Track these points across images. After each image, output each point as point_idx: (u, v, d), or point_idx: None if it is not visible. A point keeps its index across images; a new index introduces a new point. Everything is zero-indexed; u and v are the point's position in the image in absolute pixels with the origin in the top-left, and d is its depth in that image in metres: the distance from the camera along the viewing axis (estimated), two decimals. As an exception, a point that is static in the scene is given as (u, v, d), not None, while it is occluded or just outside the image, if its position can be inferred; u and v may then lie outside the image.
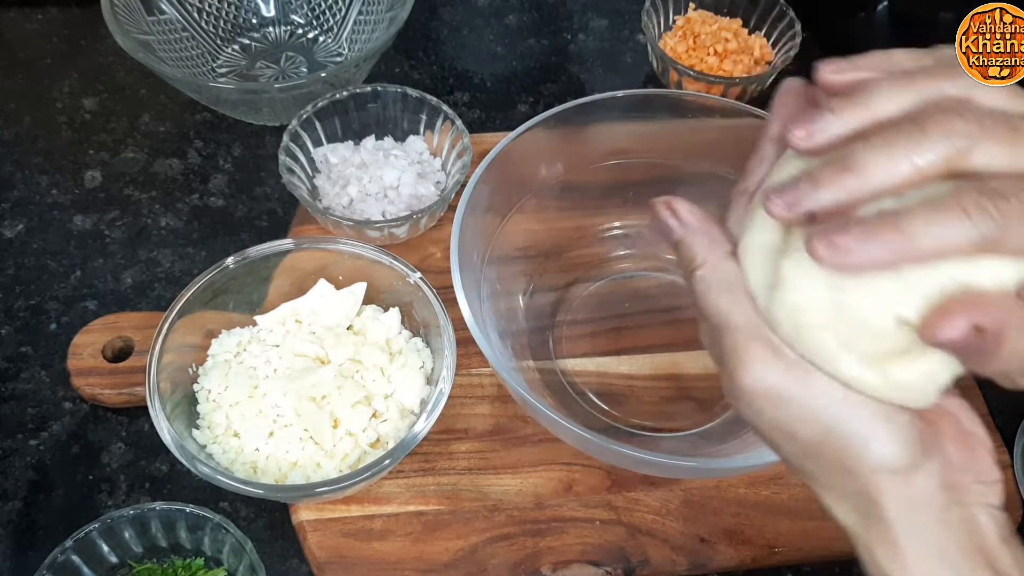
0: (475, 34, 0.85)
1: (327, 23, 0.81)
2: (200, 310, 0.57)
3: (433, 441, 0.58)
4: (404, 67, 0.82)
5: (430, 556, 0.54)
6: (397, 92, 0.69)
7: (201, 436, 0.54)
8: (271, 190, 0.73)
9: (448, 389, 0.54)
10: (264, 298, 0.60)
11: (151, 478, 0.58)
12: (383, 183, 0.67)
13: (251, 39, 0.80)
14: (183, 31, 0.76)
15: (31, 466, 0.59)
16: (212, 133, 0.76)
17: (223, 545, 0.52)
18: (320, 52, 0.80)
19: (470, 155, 0.66)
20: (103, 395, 0.59)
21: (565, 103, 0.61)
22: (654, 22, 0.79)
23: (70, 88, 0.79)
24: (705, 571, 0.55)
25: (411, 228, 0.65)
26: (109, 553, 0.52)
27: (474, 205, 0.57)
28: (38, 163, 0.74)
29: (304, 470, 0.53)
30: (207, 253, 0.69)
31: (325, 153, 0.69)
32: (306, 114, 0.68)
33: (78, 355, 0.60)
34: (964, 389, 0.60)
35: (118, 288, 0.67)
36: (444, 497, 0.56)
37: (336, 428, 0.54)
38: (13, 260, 0.68)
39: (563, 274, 0.67)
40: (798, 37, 0.76)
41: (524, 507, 0.56)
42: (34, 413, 0.61)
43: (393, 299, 0.60)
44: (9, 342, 0.64)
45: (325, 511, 0.55)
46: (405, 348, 0.58)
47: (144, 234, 0.70)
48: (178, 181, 0.73)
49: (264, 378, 0.56)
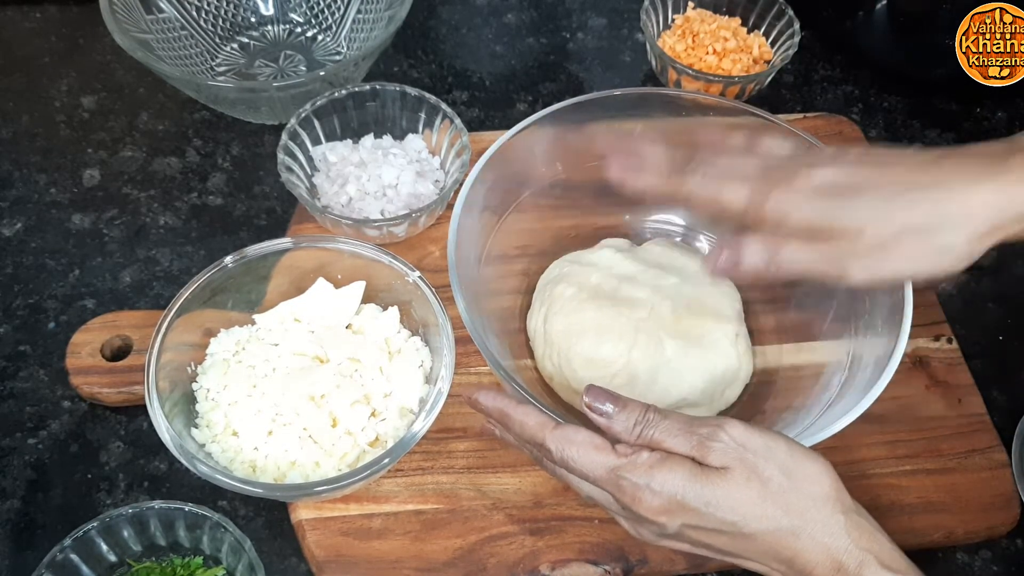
0: (474, 33, 0.85)
1: (326, 22, 0.81)
2: (199, 309, 0.57)
3: (432, 440, 0.58)
4: (403, 66, 0.82)
5: (429, 555, 0.54)
6: (396, 91, 0.69)
7: (200, 435, 0.54)
8: (270, 189, 0.73)
9: (447, 388, 0.54)
10: (263, 297, 0.60)
11: (150, 477, 0.58)
12: (382, 182, 0.67)
13: (250, 38, 0.80)
14: (182, 30, 0.76)
15: (30, 465, 0.59)
16: (211, 132, 0.76)
17: (222, 544, 0.52)
18: (319, 51, 0.80)
19: (469, 154, 0.66)
20: (102, 394, 0.59)
21: (562, 101, 0.61)
22: (653, 21, 0.79)
23: (68, 87, 0.79)
24: (703, 571, 0.55)
25: (410, 227, 0.65)
26: (108, 552, 0.52)
27: (471, 204, 0.57)
28: (36, 162, 0.74)
29: (303, 469, 0.53)
30: (206, 252, 0.69)
31: (324, 152, 0.69)
32: (305, 113, 0.68)
33: (77, 354, 0.60)
34: (963, 388, 0.61)
35: (117, 287, 0.67)
36: (443, 496, 0.56)
37: (335, 427, 0.54)
38: (11, 259, 0.68)
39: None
40: (797, 36, 0.76)
41: (523, 506, 0.56)
42: (33, 412, 0.61)
43: (392, 298, 0.60)
44: (8, 341, 0.64)
45: (324, 510, 0.55)
46: (404, 347, 0.58)
47: (143, 233, 0.70)
48: (177, 180, 0.73)
49: (263, 377, 0.56)
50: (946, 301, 0.66)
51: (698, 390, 0.58)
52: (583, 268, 0.62)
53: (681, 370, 0.58)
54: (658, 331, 0.59)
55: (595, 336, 0.58)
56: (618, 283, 0.61)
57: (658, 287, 0.61)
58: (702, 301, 0.61)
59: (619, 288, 0.61)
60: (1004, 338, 0.66)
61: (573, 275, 0.62)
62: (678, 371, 0.58)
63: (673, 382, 0.58)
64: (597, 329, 0.59)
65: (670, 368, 0.58)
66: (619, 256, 0.63)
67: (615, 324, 0.59)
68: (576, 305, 0.60)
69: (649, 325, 0.59)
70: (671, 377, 0.58)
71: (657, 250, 0.65)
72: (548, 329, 0.60)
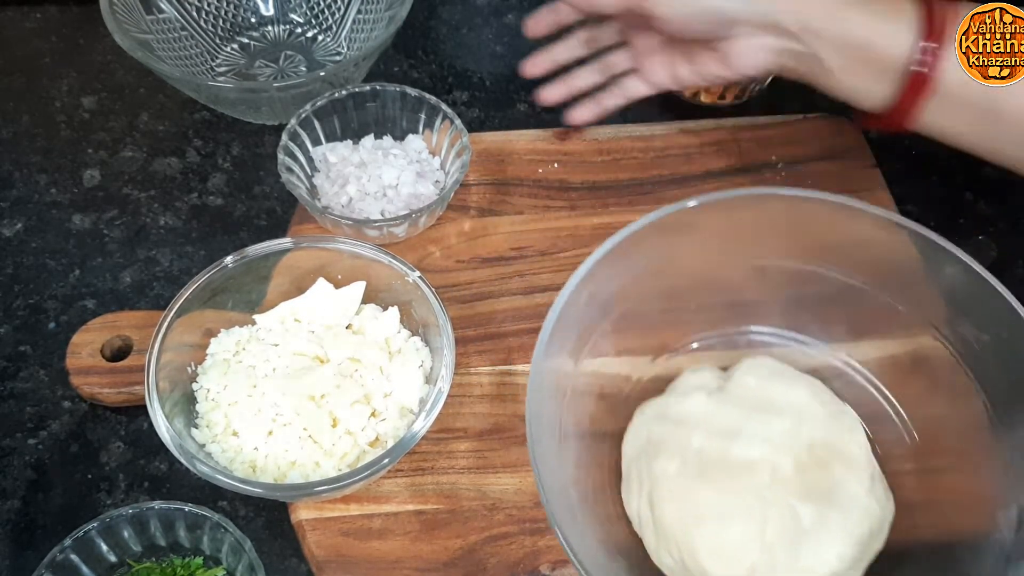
0: (474, 33, 0.85)
1: (326, 22, 0.81)
2: (199, 309, 0.57)
3: (432, 440, 0.58)
4: (403, 66, 0.82)
5: (429, 555, 0.54)
6: (396, 91, 0.69)
7: (200, 435, 0.54)
8: (270, 189, 0.73)
9: (447, 388, 0.54)
10: (263, 297, 0.60)
11: (150, 477, 0.58)
12: (382, 182, 0.67)
13: (250, 38, 0.80)
14: (182, 30, 0.76)
15: (30, 465, 0.59)
16: (211, 132, 0.76)
17: (222, 544, 0.52)
18: (319, 51, 0.80)
19: (469, 154, 0.66)
20: (102, 394, 0.59)
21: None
22: (653, 21, 0.79)
23: (69, 87, 0.79)
24: (704, 570, 0.55)
25: (410, 227, 0.65)
26: (108, 552, 0.52)
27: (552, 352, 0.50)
28: (37, 162, 0.74)
29: (303, 469, 0.53)
30: (206, 252, 0.69)
31: (324, 152, 0.69)
32: (305, 113, 0.68)
33: (77, 354, 0.60)
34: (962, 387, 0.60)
35: (117, 287, 0.67)
36: (443, 496, 0.56)
37: (335, 427, 0.54)
38: (12, 259, 0.68)
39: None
40: (797, 36, 0.76)
41: (523, 506, 0.56)
42: (33, 412, 0.61)
43: (392, 298, 0.60)
44: (8, 341, 0.64)
45: (324, 510, 0.55)
46: (404, 347, 0.58)
47: (143, 233, 0.70)
48: (177, 180, 0.73)
49: (263, 377, 0.56)
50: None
51: (848, 559, 0.50)
52: (677, 429, 0.54)
53: (823, 541, 0.50)
54: (786, 497, 0.51)
55: (717, 522, 0.50)
56: (725, 443, 0.53)
57: (771, 438, 0.53)
58: (825, 443, 0.53)
59: (728, 450, 0.52)
60: (1004, 338, 0.66)
61: (669, 441, 0.53)
62: (821, 543, 0.50)
63: (819, 558, 0.50)
64: (719, 513, 0.51)
65: (811, 541, 0.50)
66: (714, 403, 0.55)
67: (737, 502, 0.51)
68: (685, 484, 0.51)
69: (775, 492, 0.51)
70: (815, 552, 0.50)
71: (753, 382, 0.56)
72: (658, 517, 0.51)
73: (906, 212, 0.68)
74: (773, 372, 0.57)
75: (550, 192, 0.70)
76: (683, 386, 0.57)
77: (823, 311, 0.59)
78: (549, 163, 0.72)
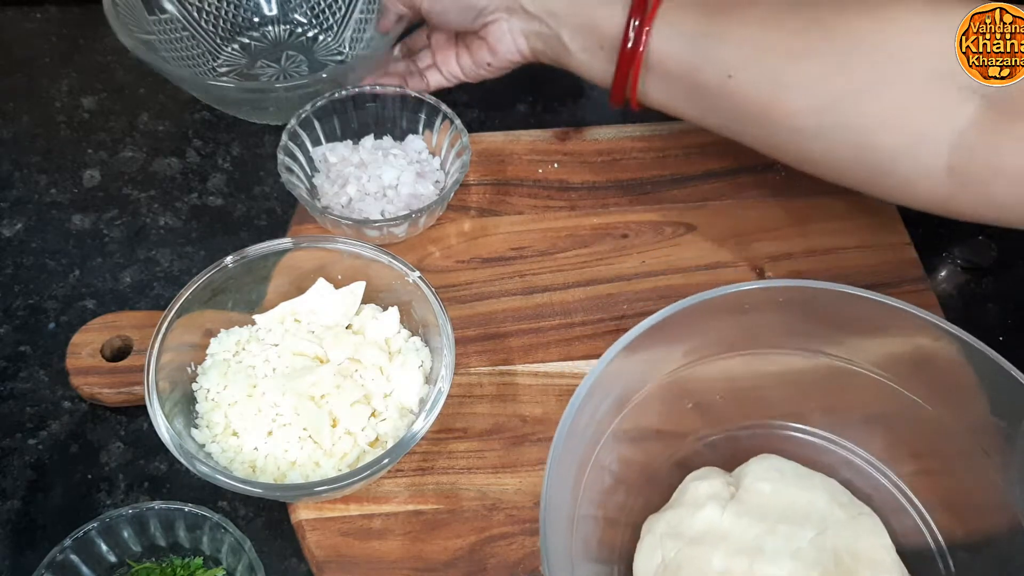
0: (474, 33, 0.85)
1: (328, 22, 0.81)
2: (199, 309, 0.57)
3: (432, 440, 0.58)
4: (403, 66, 0.82)
5: (429, 555, 0.54)
6: (396, 91, 0.69)
7: (200, 435, 0.54)
8: (270, 189, 0.73)
9: (447, 388, 0.54)
10: (263, 297, 0.60)
11: (150, 477, 0.58)
12: (382, 182, 0.67)
13: (251, 38, 0.80)
14: (183, 30, 0.76)
15: (30, 465, 0.59)
16: (211, 132, 0.76)
17: (222, 544, 0.52)
18: (320, 51, 0.80)
19: (469, 154, 0.66)
20: (102, 394, 0.59)
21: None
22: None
23: (69, 87, 0.79)
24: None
25: (410, 227, 0.65)
26: (108, 552, 0.52)
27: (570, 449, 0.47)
28: (37, 162, 0.74)
29: (303, 469, 0.53)
30: (206, 252, 0.69)
31: (324, 152, 0.69)
32: (305, 113, 0.68)
33: (77, 354, 0.60)
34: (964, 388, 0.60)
35: (117, 287, 0.67)
36: (443, 496, 0.56)
37: (335, 427, 0.54)
38: (12, 259, 0.68)
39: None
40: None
41: (523, 506, 0.56)
42: (33, 412, 0.61)
43: (392, 298, 0.60)
44: (8, 341, 0.64)
45: (324, 510, 0.55)
46: (404, 347, 0.58)
47: (143, 233, 0.70)
48: (177, 180, 0.73)
49: (263, 377, 0.56)
50: (946, 301, 0.66)
51: None
52: (695, 549, 0.50)
53: None
54: None
55: None
56: (748, 563, 0.49)
57: (796, 552, 0.50)
58: (850, 551, 0.50)
59: (752, 570, 0.49)
60: (1004, 338, 0.66)
61: (688, 563, 0.49)
62: None
63: None
64: None
65: None
66: (730, 516, 0.51)
67: None
68: None
69: None
70: None
71: (767, 489, 0.52)
72: None
73: (906, 212, 0.68)
74: (785, 474, 0.53)
75: (550, 192, 0.71)
76: (692, 497, 0.52)
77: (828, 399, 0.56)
78: (549, 163, 0.72)
